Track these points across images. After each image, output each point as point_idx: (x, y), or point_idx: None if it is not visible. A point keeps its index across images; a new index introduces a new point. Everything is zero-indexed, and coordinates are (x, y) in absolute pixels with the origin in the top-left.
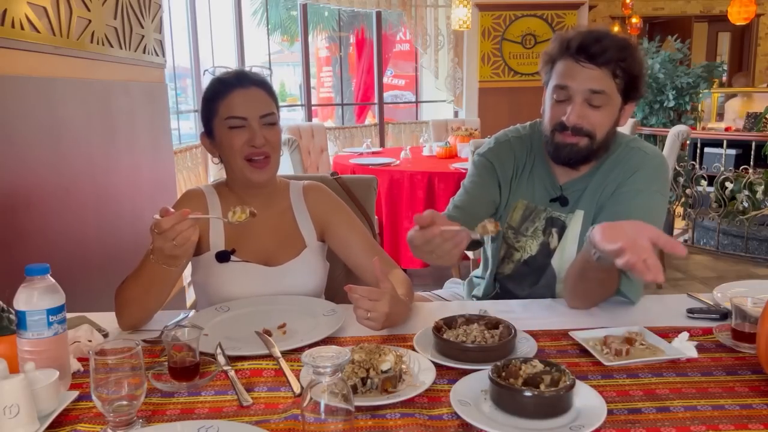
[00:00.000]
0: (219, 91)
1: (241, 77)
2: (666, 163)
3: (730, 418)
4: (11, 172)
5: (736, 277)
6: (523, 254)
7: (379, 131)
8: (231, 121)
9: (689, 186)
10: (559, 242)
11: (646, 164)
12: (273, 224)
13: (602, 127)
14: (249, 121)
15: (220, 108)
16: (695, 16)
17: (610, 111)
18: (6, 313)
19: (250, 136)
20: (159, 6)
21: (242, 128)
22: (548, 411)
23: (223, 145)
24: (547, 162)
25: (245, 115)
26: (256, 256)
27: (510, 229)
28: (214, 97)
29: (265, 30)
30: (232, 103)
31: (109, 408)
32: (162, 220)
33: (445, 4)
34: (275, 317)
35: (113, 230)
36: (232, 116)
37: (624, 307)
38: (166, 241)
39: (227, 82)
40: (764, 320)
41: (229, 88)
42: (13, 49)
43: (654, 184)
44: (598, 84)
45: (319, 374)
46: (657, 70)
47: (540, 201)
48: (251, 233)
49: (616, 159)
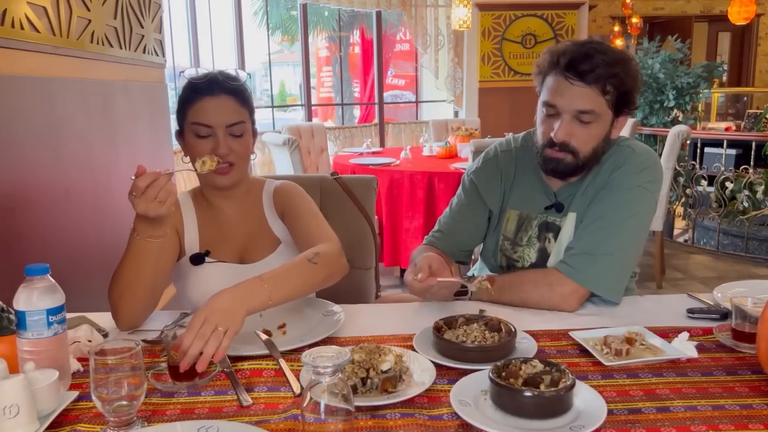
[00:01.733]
0: (188, 97)
1: (213, 83)
2: (655, 160)
3: (730, 418)
4: (11, 172)
5: (736, 277)
6: (523, 264)
7: (379, 131)
8: (197, 128)
9: (689, 186)
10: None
11: (630, 160)
12: (246, 225)
13: (589, 143)
14: (215, 129)
15: (188, 113)
16: (695, 16)
17: (599, 126)
18: (6, 313)
19: (215, 145)
20: (159, 6)
21: (208, 137)
22: (548, 411)
23: (190, 150)
24: (539, 171)
25: (211, 124)
26: (231, 256)
27: (506, 241)
28: (185, 101)
29: (265, 30)
30: (199, 111)
31: (109, 408)
32: (138, 179)
33: (445, 4)
34: (275, 317)
35: (113, 230)
36: (198, 123)
37: (624, 307)
38: (149, 201)
39: (197, 87)
40: (764, 320)
41: (198, 94)
42: (13, 49)
43: (636, 179)
44: (586, 103)
45: (319, 374)
46: (657, 70)
47: (534, 209)
48: (225, 235)
49: (605, 159)
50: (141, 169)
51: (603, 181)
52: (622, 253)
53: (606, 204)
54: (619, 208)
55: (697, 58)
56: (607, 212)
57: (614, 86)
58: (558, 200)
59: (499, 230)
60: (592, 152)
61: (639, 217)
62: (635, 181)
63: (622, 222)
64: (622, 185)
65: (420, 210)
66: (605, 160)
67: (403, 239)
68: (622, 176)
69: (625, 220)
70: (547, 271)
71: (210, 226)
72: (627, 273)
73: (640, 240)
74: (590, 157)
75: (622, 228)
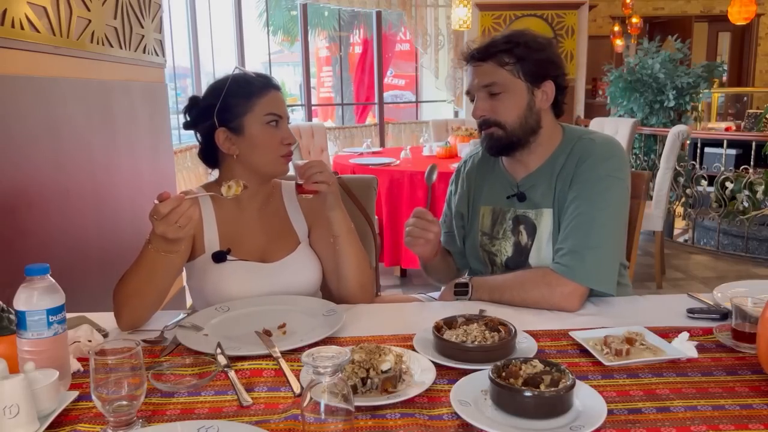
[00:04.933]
0: (255, 90)
1: (270, 80)
2: (618, 148)
3: (730, 418)
4: (11, 172)
5: (736, 277)
6: (501, 257)
7: (379, 131)
8: (270, 118)
9: (689, 186)
10: (533, 243)
11: (592, 151)
12: (266, 223)
13: (509, 113)
14: (283, 120)
15: (256, 105)
16: (695, 16)
17: (513, 96)
18: (6, 313)
19: (285, 134)
20: (159, 6)
21: (278, 126)
22: (548, 411)
23: (258, 140)
24: (502, 163)
25: (282, 114)
26: (252, 254)
27: (485, 236)
28: (250, 95)
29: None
30: (272, 101)
31: (109, 408)
32: (161, 205)
33: (445, 4)
34: (275, 317)
35: (113, 230)
36: (272, 113)
37: (624, 307)
38: (168, 225)
39: (263, 82)
40: (764, 320)
41: (267, 87)
42: (12, 49)
43: (603, 169)
44: (486, 77)
45: (319, 374)
46: (657, 70)
47: (501, 201)
48: (245, 233)
49: (567, 151)
50: (165, 195)
51: (569, 174)
52: (606, 244)
53: (580, 200)
54: (593, 201)
55: (697, 58)
56: (583, 207)
57: (513, 57)
58: (520, 190)
59: (476, 227)
60: (520, 122)
61: (614, 206)
62: (603, 171)
63: (599, 214)
64: (591, 178)
65: None
66: (565, 151)
67: (403, 239)
68: (589, 169)
69: (601, 211)
70: (545, 271)
71: (230, 225)
72: (615, 263)
73: (621, 228)
74: (520, 127)
75: (600, 220)
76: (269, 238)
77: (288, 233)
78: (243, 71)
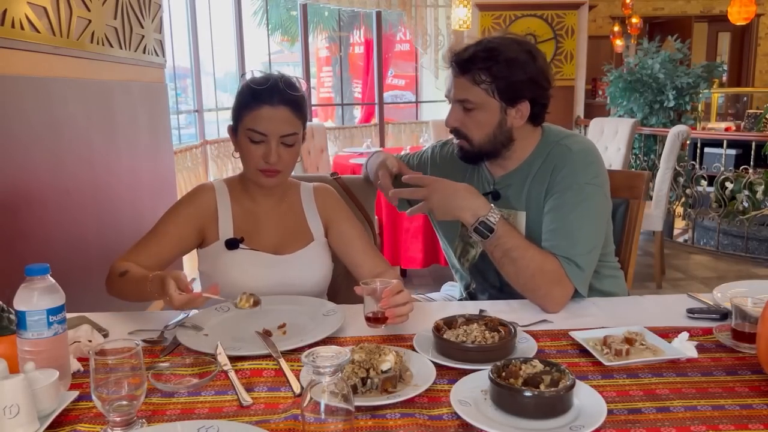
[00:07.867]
0: (248, 102)
1: (273, 92)
2: (594, 154)
3: (730, 418)
4: (11, 172)
5: (736, 277)
6: (477, 249)
7: (379, 131)
8: (252, 134)
9: (689, 186)
10: None
11: (567, 160)
12: (282, 218)
13: (478, 130)
14: (269, 138)
15: (245, 117)
16: (695, 16)
17: (484, 114)
18: (6, 313)
19: (266, 152)
20: (159, 6)
21: (261, 143)
22: (548, 411)
23: (241, 150)
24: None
25: (266, 132)
26: (265, 246)
27: (464, 227)
28: (243, 105)
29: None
30: (256, 118)
31: (109, 408)
32: (177, 300)
33: (445, 4)
34: (275, 317)
35: (113, 230)
36: (253, 130)
37: (624, 307)
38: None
39: (258, 94)
40: (764, 320)
41: (258, 101)
42: (13, 49)
43: (582, 178)
44: (461, 93)
45: (319, 374)
46: (657, 70)
47: None
48: (260, 226)
49: (543, 155)
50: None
51: (544, 179)
52: (590, 252)
53: (563, 210)
54: (574, 209)
55: (697, 58)
56: (565, 215)
57: (490, 75)
58: (495, 188)
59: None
60: (488, 139)
61: (596, 215)
62: (582, 179)
63: (580, 222)
64: (572, 187)
65: None
66: (541, 155)
67: (403, 239)
68: (567, 178)
69: (581, 219)
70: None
71: (245, 217)
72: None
73: (601, 235)
74: (489, 143)
75: (583, 229)
76: (283, 233)
77: (302, 230)
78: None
